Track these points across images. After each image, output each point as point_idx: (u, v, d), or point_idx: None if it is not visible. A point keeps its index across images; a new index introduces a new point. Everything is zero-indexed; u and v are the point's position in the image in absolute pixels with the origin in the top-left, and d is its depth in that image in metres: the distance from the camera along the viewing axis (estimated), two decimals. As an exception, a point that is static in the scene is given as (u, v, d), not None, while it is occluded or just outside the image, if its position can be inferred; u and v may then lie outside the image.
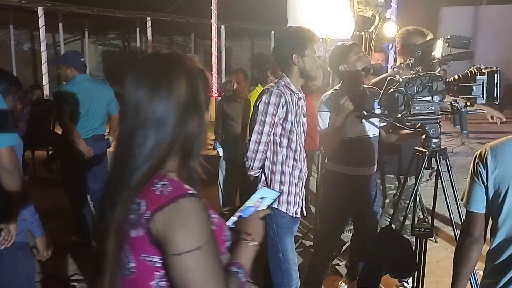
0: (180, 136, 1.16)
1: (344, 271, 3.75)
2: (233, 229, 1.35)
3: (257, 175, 2.71)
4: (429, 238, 3.19)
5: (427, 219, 4.60)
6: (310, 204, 4.78)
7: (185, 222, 1.08)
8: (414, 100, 2.55)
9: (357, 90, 2.98)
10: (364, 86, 3.07)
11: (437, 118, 2.58)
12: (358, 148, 2.94)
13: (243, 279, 1.24)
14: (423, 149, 2.60)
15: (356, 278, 3.49)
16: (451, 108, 2.54)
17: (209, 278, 1.09)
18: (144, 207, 1.10)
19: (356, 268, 3.48)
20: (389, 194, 3.32)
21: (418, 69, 2.57)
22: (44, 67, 11.73)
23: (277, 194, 1.50)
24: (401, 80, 2.54)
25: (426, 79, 2.54)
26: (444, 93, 2.53)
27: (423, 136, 2.62)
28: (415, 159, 2.65)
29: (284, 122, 2.61)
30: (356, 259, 3.44)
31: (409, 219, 2.86)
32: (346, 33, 3.90)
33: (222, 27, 16.70)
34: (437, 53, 2.57)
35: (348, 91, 2.91)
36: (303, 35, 2.62)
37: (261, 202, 1.44)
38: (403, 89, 2.53)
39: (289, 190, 2.68)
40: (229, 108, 4.56)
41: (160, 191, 1.10)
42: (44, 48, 11.78)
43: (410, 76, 2.55)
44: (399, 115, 2.57)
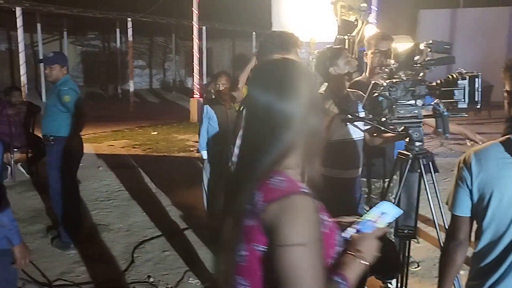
0: (303, 134, 1.23)
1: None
2: (347, 241, 1.32)
3: None
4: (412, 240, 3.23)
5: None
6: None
7: (295, 217, 1.12)
8: (398, 104, 2.59)
9: (341, 94, 3.01)
10: (348, 90, 3.10)
11: (420, 122, 2.63)
12: (343, 151, 2.97)
13: None
14: (407, 152, 2.64)
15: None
16: (434, 112, 2.59)
17: (309, 277, 1.10)
18: (260, 198, 1.17)
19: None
20: (373, 198, 3.36)
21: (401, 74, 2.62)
22: (22, 68, 11.55)
23: (400, 212, 1.46)
24: (385, 85, 2.58)
25: (409, 84, 2.59)
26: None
27: (407, 139, 2.66)
28: (399, 162, 2.70)
29: None
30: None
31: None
32: (329, 37, 3.94)
33: (204, 28, 16.66)
34: (420, 58, 2.62)
35: (333, 94, 2.94)
36: (287, 40, 2.63)
37: (381, 218, 1.39)
38: (387, 93, 2.58)
39: None
40: (214, 111, 4.55)
41: (277, 185, 1.17)
42: (22, 49, 11.60)
43: (394, 81, 2.60)
44: (383, 119, 2.61)
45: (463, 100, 2.46)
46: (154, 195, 6.07)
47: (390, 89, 2.57)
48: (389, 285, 3.49)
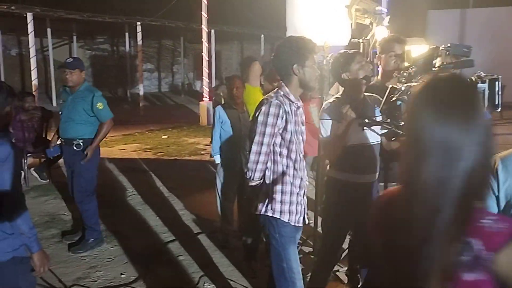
0: (486, 163, 1.08)
1: (344, 277, 3.76)
2: None
3: (258, 186, 2.71)
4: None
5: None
6: (308, 210, 4.79)
7: None
8: (416, 108, 2.58)
9: (358, 98, 3.00)
10: (365, 94, 3.09)
11: (439, 126, 2.61)
12: (360, 156, 2.96)
13: None
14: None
15: (358, 286, 3.51)
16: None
17: None
18: (481, 247, 1.02)
19: (357, 275, 3.50)
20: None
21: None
22: (34, 73, 11.63)
23: None
24: (403, 88, 2.56)
25: (428, 87, 2.58)
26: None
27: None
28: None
29: (284, 132, 2.62)
30: (357, 266, 3.45)
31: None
32: (343, 40, 3.92)
33: (212, 31, 16.70)
34: (438, 61, 2.60)
35: (350, 99, 2.93)
36: (305, 46, 2.63)
37: None
38: (405, 97, 2.56)
39: (291, 200, 2.69)
40: (226, 115, 4.55)
41: (494, 228, 1.03)
42: (34, 54, 11.69)
43: (412, 84, 2.58)
44: (402, 123, 2.59)
45: (483, 104, 2.44)
46: (167, 199, 6.08)
47: (408, 93, 2.56)
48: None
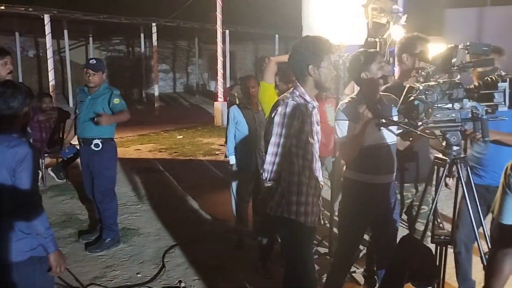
0: None
1: (360, 278, 3.73)
2: None
3: (274, 187, 2.70)
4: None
5: (442, 225, 4.60)
6: (324, 211, 4.76)
7: None
8: (434, 108, 2.54)
9: (375, 98, 2.96)
10: (381, 94, 3.06)
11: (458, 126, 2.56)
12: (377, 156, 2.92)
13: None
14: (444, 157, 2.58)
15: (375, 287, 3.47)
16: (472, 115, 2.52)
17: None
18: None
19: (374, 277, 3.46)
20: (406, 203, 3.29)
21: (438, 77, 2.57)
22: (51, 74, 11.77)
23: None
24: (421, 88, 2.53)
25: (446, 87, 2.53)
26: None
27: (444, 144, 2.60)
28: (435, 167, 2.64)
29: (300, 133, 2.61)
30: (374, 267, 3.42)
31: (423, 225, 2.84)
32: (359, 40, 3.89)
33: (227, 32, 16.72)
34: (457, 60, 2.56)
35: (366, 99, 2.89)
36: (321, 46, 2.61)
37: None
38: (423, 97, 2.52)
39: (307, 201, 2.67)
40: (241, 115, 4.54)
41: None
42: (51, 55, 11.82)
43: (430, 84, 2.54)
44: (419, 123, 2.56)
45: (504, 103, 2.39)
46: (182, 199, 6.10)
47: (427, 93, 2.52)
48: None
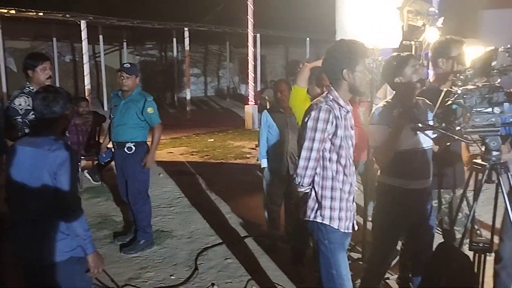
0: None
1: (394, 285, 3.67)
2: None
3: (307, 191, 2.69)
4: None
5: (479, 231, 4.47)
6: (357, 216, 4.71)
7: None
8: (473, 112, 2.48)
9: (410, 102, 2.92)
10: (416, 98, 3.01)
11: (498, 130, 2.50)
12: (413, 161, 2.88)
13: None
14: (483, 162, 2.52)
15: (410, 294, 3.41)
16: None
17: None
18: None
19: (409, 284, 3.40)
20: (443, 209, 3.23)
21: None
22: (87, 79, 12.08)
23: None
24: (459, 92, 2.48)
25: (486, 90, 2.48)
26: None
27: (483, 149, 2.54)
28: (474, 173, 2.58)
29: (334, 138, 2.58)
30: (408, 274, 3.36)
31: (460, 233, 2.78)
32: (394, 43, 3.84)
33: (258, 35, 16.78)
34: (497, 64, 2.49)
35: (401, 103, 2.86)
36: (356, 50, 2.58)
37: None
38: (462, 101, 2.48)
39: (341, 206, 2.64)
40: (273, 119, 4.55)
41: None
42: (87, 60, 12.14)
43: (469, 88, 2.49)
44: (458, 128, 2.51)
45: (546, 107, 2.33)
46: (214, 202, 6.15)
47: (465, 97, 2.47)
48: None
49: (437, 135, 2.92)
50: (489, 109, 2.48)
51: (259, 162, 4.73)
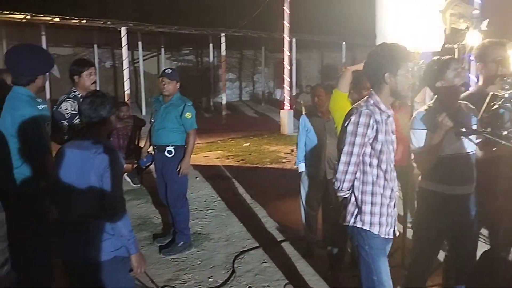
0: None
1: (436, 293, 3.59)
2: None
3: (347, 196, 2.67)
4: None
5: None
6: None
7: None
8: (522, 117, 2.42)
9: (453, 106, 2.86)
10: (459, 102, 2.95)
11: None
12: (456, 166, 2.82)
13: None
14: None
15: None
16: None
17: None
18: None
19: (452, 292, 3.32)
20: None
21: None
22: (126, 84, 12.39)
23: None
24: (506, 96, 2.42)
25: (535, 94, 2.41)
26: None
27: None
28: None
29: (374, 142, 2.55)
30: (452, 283, 3.28)
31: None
32: (435, 46, 3.77)
33: (293, 40, 16.79)
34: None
35: (444, 107, 2.80)
36: (398, 54, 2.54)
37: None
38: (509, 105, 2.42)
39: (381, 211, 2.61)
40: (311, 123, 4.54)
41: None
42: (127, 66, 12.45)
43: (516, 91, 2.43)
44: (505, 132, 2.44)
45: None
46: (250, 206, 6.18)
47: (512, 101, 2.41)
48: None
49: (482, 140, 2.85)
50: (539, 114, 2.41)
51: (296, 167, 4.73)
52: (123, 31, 12.50)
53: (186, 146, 4.66)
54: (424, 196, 2.96)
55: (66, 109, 3.79)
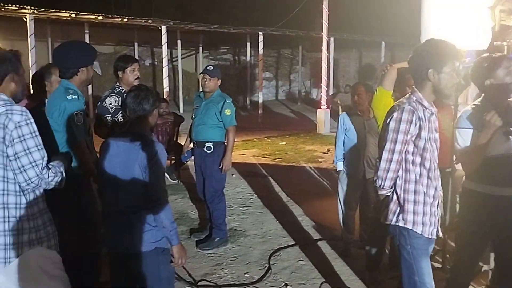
0: None
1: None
2: None
3: (388, 195, 2.63)
4: None
5: None
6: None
7: None
8: None
9: (502, 105, 2.77)
10: (509, 101, 2.85)
11: None
12: (504, 167, 2.72)
13: None
14: None
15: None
16: None
17: None
18: None
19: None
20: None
21: None
22: (166, 81, 12.59)
23: None
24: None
25: None
26: None
27: None
28: None
29: (417, 140, 2.50)
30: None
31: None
32: (481, 44, 3.66)
33: (332, 39, 16.64)
34: None
35: (493, 106, 2.72)
36: (444, 50, 2.48)
37: None
38: None
39: (424, 210, 2.56)
40: (350, 122, 4.50)
41: None
42: (166, 64, 12.66)
43: None
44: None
45: None
46: (286, 204, 6.17)
47: None
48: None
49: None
50: None
51: (333, 166, 4.69)
52: (163, 30, 12.71)
53: (226, 143, 4.70)
54: (469, 197, 2.88)
55: (110, 104, 3.90)
